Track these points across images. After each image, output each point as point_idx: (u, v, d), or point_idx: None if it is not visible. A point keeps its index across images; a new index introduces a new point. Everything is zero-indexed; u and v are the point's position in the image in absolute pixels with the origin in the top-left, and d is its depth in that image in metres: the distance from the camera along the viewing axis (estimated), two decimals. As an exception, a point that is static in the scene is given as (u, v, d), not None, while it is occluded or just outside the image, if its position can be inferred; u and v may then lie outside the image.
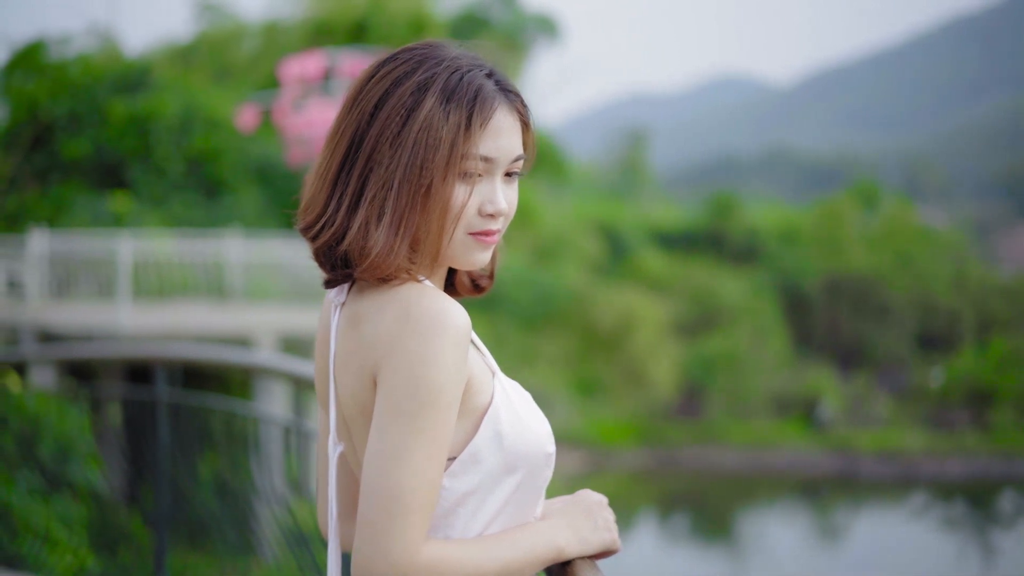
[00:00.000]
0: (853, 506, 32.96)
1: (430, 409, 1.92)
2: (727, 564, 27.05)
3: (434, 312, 1.94)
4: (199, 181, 26.29)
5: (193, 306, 19.72)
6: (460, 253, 2.07)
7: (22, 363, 10.15)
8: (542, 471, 2.08)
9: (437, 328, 1.93)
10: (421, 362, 1.92)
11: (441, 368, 1.92)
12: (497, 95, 2.07)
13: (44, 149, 26.43)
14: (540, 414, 2.11)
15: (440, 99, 2.02)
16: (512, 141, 2.08)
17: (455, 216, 2.03)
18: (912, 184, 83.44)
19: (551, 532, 2.09)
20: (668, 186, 76.63)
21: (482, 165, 2.04)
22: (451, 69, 2.06)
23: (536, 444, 2.06)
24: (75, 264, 20.01)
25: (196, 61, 34.86)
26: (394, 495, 1.90)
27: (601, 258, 40.81)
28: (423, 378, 1.92)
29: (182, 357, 5.99)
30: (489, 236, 2.07)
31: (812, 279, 43.69)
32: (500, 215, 2.07)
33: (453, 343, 1.93)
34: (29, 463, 7.18)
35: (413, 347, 1.93)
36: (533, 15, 45.28)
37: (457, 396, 1.96)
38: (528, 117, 2.15)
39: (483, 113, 2.03)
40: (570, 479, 31.79)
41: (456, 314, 1.95)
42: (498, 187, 2.07)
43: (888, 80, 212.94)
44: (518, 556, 2.02)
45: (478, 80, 2.06)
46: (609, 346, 37.56)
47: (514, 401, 2.07)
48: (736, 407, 37.69)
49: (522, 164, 2.13)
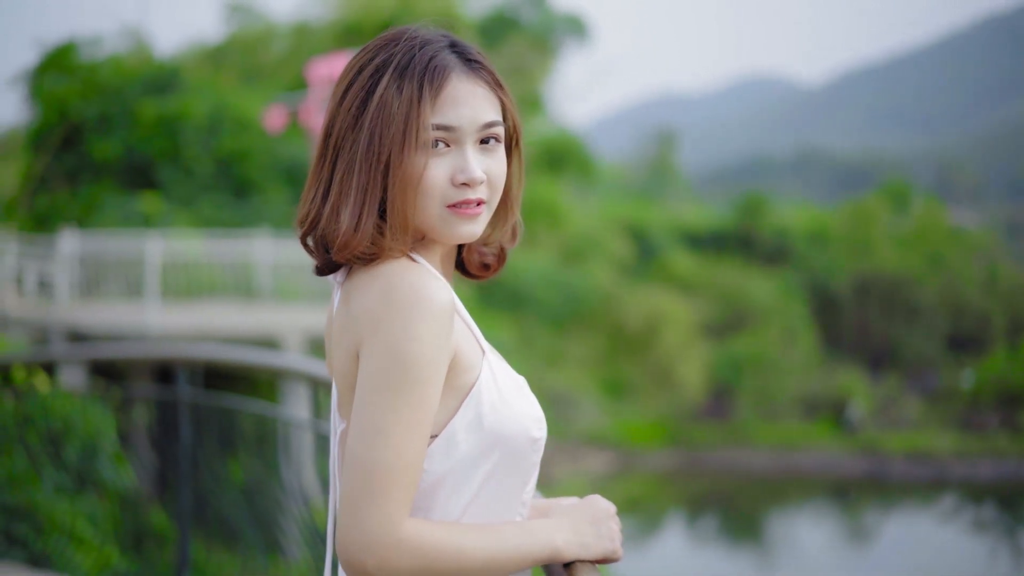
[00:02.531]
0: (883, 508, 32.82)
1: (411, 384, 1.93)
2: (756, 565, 26.96)
3: (412, 288, 1.95)
4: (228, 182, 26.39)
5: (221, 306, 19.77)
6: (442, 227, 2.07)
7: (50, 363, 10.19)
8: (527, 456, 2.07)
9: (415, 303, 1.94)
10: (400, 338, 1.93)
11: (421, 343, 1.94)
12: (453, 64, 2.07)
13: (74, 150, 26.58)
14: (530, 399, 2.10)
15: (394, 77, 2.04)
16: (475, 108, 2.06)
17: (419, 188, 2.03)
18: (943, 184, 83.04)
19: (549, 531, 2.08)
20: (698, 187, 76.44)
21: (443, 134, 2.04)
22: (407, 47, 2.08)
23: (519, 427, 2.04)
24: (104, 264, 20.10)
25: (226, 62, 34.97)
26: (373, 470, 1.92)
27: (629, 259, 40.75)
28: (403, 353, 1.93)
29: (204, 357, 6.02)
30: (468, 206, 2.06)
31: (842, 280, 43.52)
32: (475, 183, 2.05)
33: (432, 318, 1.94)
34: (55, 462, 7.22)
35: (392, 323, 1.94)
36: (562, 15, 45.23)
37: (439, 372, 1.96)
38: (500, 82, 2.12)
39: (433, 83, 2.04)
40: (597, 479, 31.78)
41: (435, 288, 1.97)
42: (469, 155, 2.05)
43: (919, 80, 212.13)
44: (507, 549, 2.01)
45: (431, 52, 2.07)
46: (637, 347, 37.50)
47: (500, 382, 2.06)
48: (765, 408, 37.57)
49: (500, 130, 2.10)
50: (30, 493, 6.84)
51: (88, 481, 7.35)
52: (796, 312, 41.57)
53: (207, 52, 36.75)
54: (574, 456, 32.71)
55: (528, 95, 40.43)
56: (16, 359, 7.73)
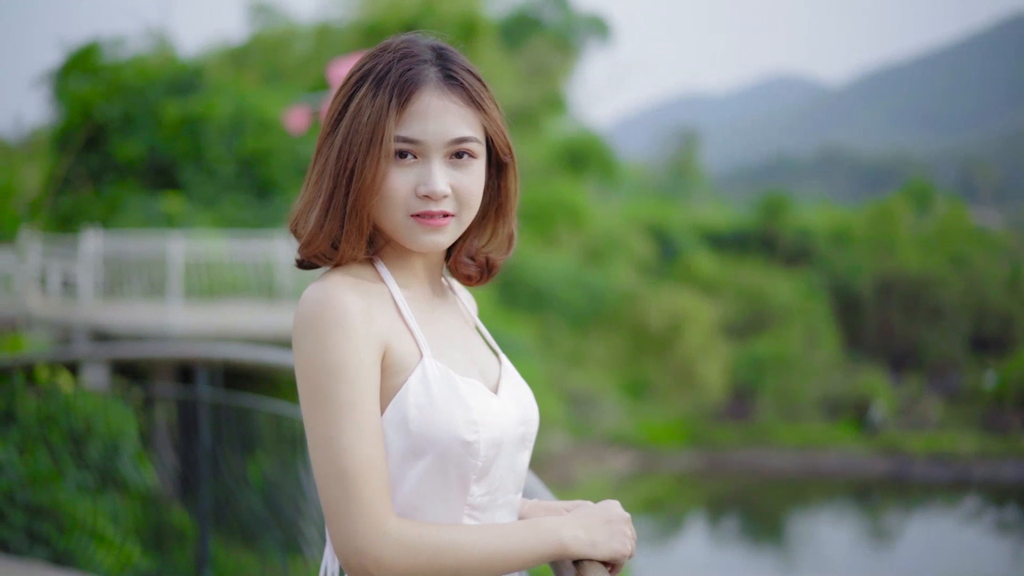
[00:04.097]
0: (905, 509, 32.74)
1: (340, 390, 1.99)
2: (777, 566, 26.93)
3: (317, 303, 2.03)
4: (250, 182, 26.45)
5: (243, 306, 19.81)
6: (407, 236, 2.13)
7: (74, 362, 10.25)
8: (462, 459, 2.07)
9: (320, 316, 2.02)
10: (317, 351, 2.01)
11: (337, 349, 2.00)
12: (428, 78, 2.11)
13: (98, 150, 26.67)
14: (469, 401, 2.09)
15: (371, 86, 2.10)
16: (443, 123, 2.10)
17: (381, 197, 2.10)
18: (966, 185, 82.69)
19: (555, 526, 2.08)
20: (720, 187, 76.29)
21: (408, 146, 2.09)
22: (389, 58, 2.12)
23: (447, 430, 2.05)
24: (127, 264, 20.18)
25: (248, 63, 35.05)
26: (338, 479, 1.97)
27: (651, 259, 40.71)
28: (323, 364, 2.00)
29: (223, 358, 6.05)
30: (432, 218, 2.11)
31: (864, 280, 43.38)
32: (436, 196, 2.09)
33: (339, 324, 2.01)
34: (78, 461, 7.27)
35: (306, 341, 2.03)
36: (584, 16, 45.22)
37: (365, 371, 2.02)
38: (480, 99, 2.15)
39: (402, 95, 2.08)
40: (619, 479, 31.78)
41: (341, 297, 2.04)
42: (434, 169, 2.10)
43: (943, 80, 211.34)
44: (509, 542, 2.03)
45: (408, 64, 2.11)
46: (659, 347, 37.46)
47: (432, 385, 2.08)
48: (786, 409, 37.49)
49: (474, 146, 2.14)
50: (53, 492, 6.89)
51: (110, 480, 7.39)
52: (818, 312, 41.46)
53: (230, 53, 36.83)
54: (596, 456, 32.71)
55: (550, 95, 40.45)
56: (40, 358, 7.78)
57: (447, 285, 2.37)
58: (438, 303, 2.27)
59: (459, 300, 2.39)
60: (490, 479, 2.14)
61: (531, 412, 2.27)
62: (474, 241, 2.30)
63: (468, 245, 2.30)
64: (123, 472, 7.51)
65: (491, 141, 2.20)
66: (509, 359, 2.40)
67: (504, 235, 2.32)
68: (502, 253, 2.33)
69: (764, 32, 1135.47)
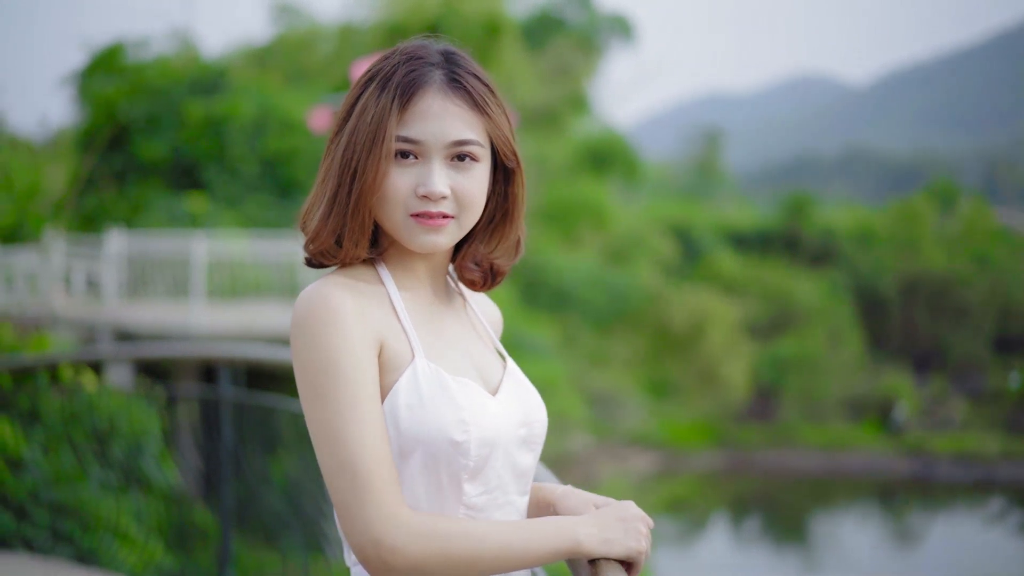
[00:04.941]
0: (929, 510, 32.64)
1: (340, 386, 2.02)
2: (800, 567, 26.88)
3: (310, 304, 2.07)
4: (273, 182, 26.51)
5: (266, 306, 19.85)
6: (406, 235, 2.15)
7: (98, 361, 10.29)
8: (452, 458, 2.09)
9: (313, 317, 2.06)
10: (313, 351, 2.04)
11: (333, 348, 2.03)
12: (431, 80, 2.14)
13: (122, 150, 26.77)
14: (460, 401, 2.11)
15: (377, 87, 2.14)
16: (445, 125, 2.13)
17: (381, 196, 2.13)
18: (991, 184, 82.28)
19: (571, 523, 2.10)
20: (744, 187, 76.08)
21: (409, 147, 2.12)
22: (396, 60, 2.16)
23: (436, 429, 2.07)
24: (151, 264, 20.25)
25: (272, 63, 35.12)
26: (346, 472, 1.99)
27: (674, 259, 40.65)
28: (320, 363, 2.03)
29: (245, 357, 6.07)
30: (431, 219, 2.13)
31: (888, 280, 43.24)
32: (434, 196, 2.12)
33: (333, 323, 2.04)
34: (102, 460, 7.30)
35: (302, 343, 2.06)
36: (608, 15, 45.18)
37: (363, 367, 2.04)
38: (485, 103, 2.17)
39: (404, 96, 2.11)
40: (642, 480, 31.76)
41: (332, 296, 2.07)
42: (434, 170, 2.12)
43: (967, 79, 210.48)
44: (523, 537, 2.04)
45: (414, 66, 2.14)
46: (682, 347, 37.41)
47: (423, 385, 2.10)
48: (810, 409, 37.40)
49: (476, 149, 2.16)
50: (77, 490, 6.92)
51: (133, 479, 7.42)
52: (842, 313, 41.34)
53: (253, 53, 36.92)
54: (618, 456, 32.69)
55: (573, 95, 40.43)
56: (64, 358, 7.81)
57: (455, 289, 2.39)
58: (440, 305, 2.29)
59: (468, 305, 2.40)
60: (485, 479, 2.15)
61: (535, 414, 2.27)
62: (480, 246, 2.31)
63: (473, 250, 2.31)
64: (146, 471, 7.54)
65: (496, 146, 2.21)
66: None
67: (511, 241, 2.33)
68: (509, 259, 2.34)
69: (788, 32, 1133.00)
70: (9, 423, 7.19)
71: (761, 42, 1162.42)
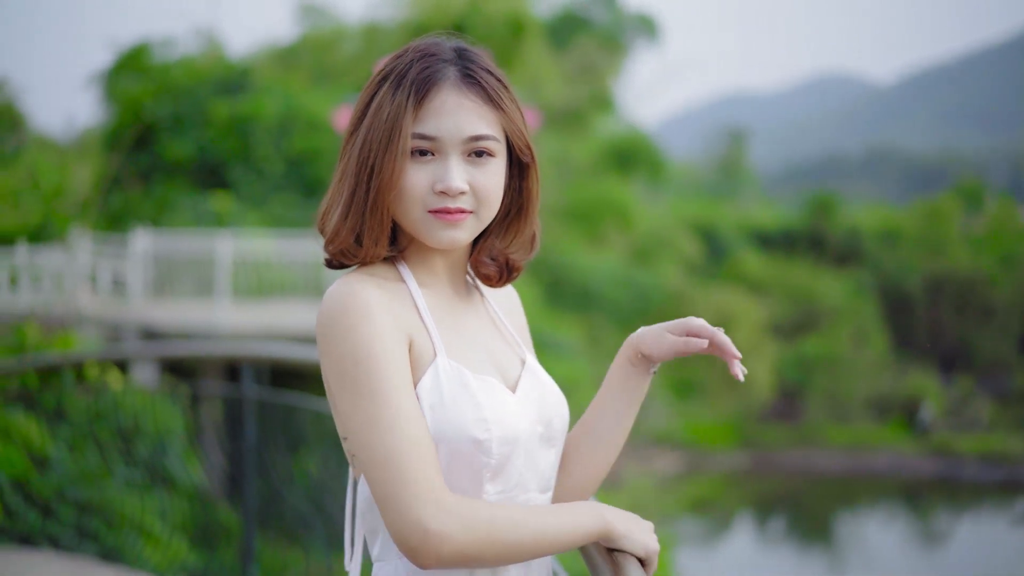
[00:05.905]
0: (954, 510, 32.51)
1: (375, 377, 2.01)
2: (826, 567, 26.82)
3: (338, 299, 2.07)
4: (298, 181, 26.56)
5: (291, 306, 19.89)
6: (425, 232, 2.16)
7: (123, 360, 10.33)
8: (473, 457, 2.09)
9: (342, 311, 2.05)
10: (344, 344, 2.03)
11: (365, 340, 2.03)
12: (446, 76, 2.15)
13: (147, 150, 26.86)
14: (480, 400, 2.11)
15: (391, 86, 2.14)
16: (460, 120, 2.13)
17: (398, 193, 2.13)
18: (1017, 184, 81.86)
19: (599, 507, 2.12)
20: (769, 186, 75.91)
21: (425, 143, 2.12)
22: (409, 58, 2.16)
23: (458, 428, 2.07)
24: (176, 263, 20.31)
25: (297, 63, 35.18)
26: (388, 459, 1.97)
27: (699, 258, 40.57)
28: (353, 356, 2.02)
29: (269, 356, 6.09)
30: (450, 214, 2.14)
31: (914, 280, 43.06)
32: (452, 192, 2.12)
33: (362, 316, 2.04)
34: (126, 458, 7.33)
35: (332, 338, 2.05)
36: (632, 14, 45.14)
37: (396, 358, 2.04)
38: (499, 98, 2.18)
39: (419, 92, 2.12)
40: (665, 480, 31.72)
41: (359, 291, 2.07)
42: (451, 165, 2.12)
43: (993, 78, 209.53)
44: (560, 520, 2.04)
45: (428, 63, 2.15)
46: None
47: (444, 384, 2.09)
48: (835, 409, 37.29)
49: (492, 144, 2.16)
50: (102, 488, 6.96)
51: (158, 477, 7.45)
52: (867, 312, 41.20)
53: (278, 53, 36.99)
54: (643, 456, 32.64)
55: (598, 94, 40.38)
56: (89, 356, 7.86)
57: (473, 285, 2.39)
58: (459, 302, 2.29)
59: (487, 301, 2.40)
60: (506, 478, 2.15)
61: (554, 410, 2.28)
62: (496, 242, 2.32)
63: (489, 245, 2.32)
64: (171, 469, 7.57)
65: (511, 141, 2.22)
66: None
67: (527, 236, 2.34)
68: (524, 254, 2.35)
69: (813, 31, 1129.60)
70: (35, 421, 7.23)
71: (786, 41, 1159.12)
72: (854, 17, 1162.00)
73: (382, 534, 2.15)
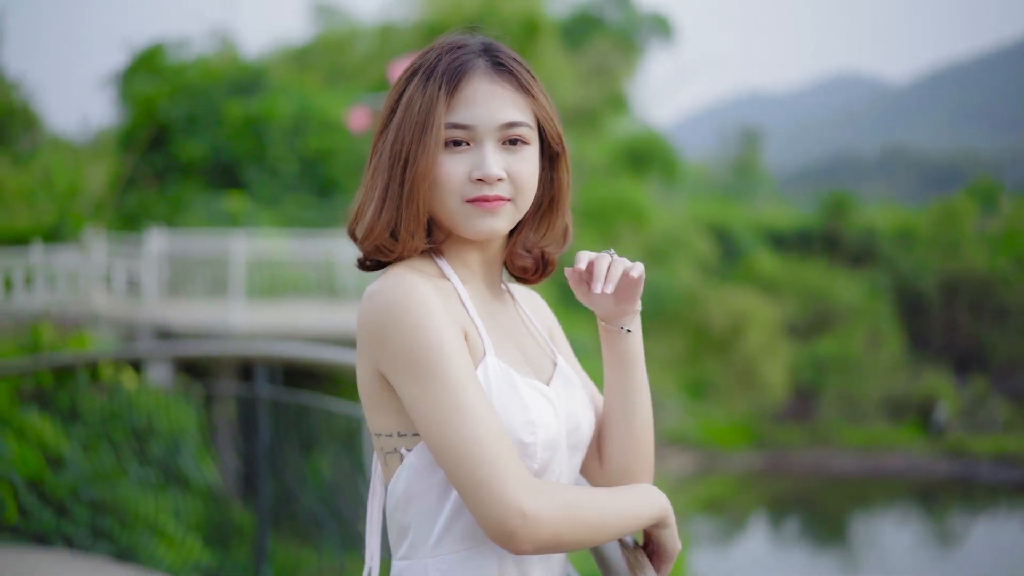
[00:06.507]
0: (969, 512, 32.44)
1: (442, 365, 1.98)
2: (840, 568, 26.77)
3: (393, 289, 2.02)
4: (312, 181, 26.60)
5: (305, 306, 19.90)
6: (463, 221, 2.13)
7: (137, 360, 10.35)
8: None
9: (401, 302, 2.01)
10: (407, 335, 1.99)
11: (427, 329, 1.99)
12: (476, 66, 2.14)
13: (162, 150, 26.92)
14: (528, 402, 2.10)
15: (421, 79, 2.13)
16: (494, 108, 2.12)
17: (434, 184, 2.11)
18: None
19: (657, 491, 2.14)
20: (784, 186, 75.80)
21: (460, 133, 2.11)
22: (437, 52, 2.16)
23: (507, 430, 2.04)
24: (191, 263, 20.33)
25: (311, 63, 35.24)
26: (476, 446, 1.94)
27: (713, 258, 40.54)
28: (418, 346, 1.99)
29: (282, 356, 6.08)
30: (488, 202, 2.11)
31: (929, 280, 42.99)
32: (490, 179, 2.10)
33: (421, 307, 2.00)
34: (141, 457, 7.34)
35: (394, 329, 2.00)
36: (647, 14, 45.11)
37: (459, 346, 2.01)
38: (529, 86, 2.17)
39: (451, 82, 2.11)
40: (680, 480, 31.68)
41: (413, 283, 2.03)
42: (487, 153, 2.11)
43: (1008, 78, 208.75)
44: (632, 502, 2.06)
45: (457, 55, 2.14)
46: (721, 347, 37.31)
47: (494, 385, 2.07)
48: (849, 410, 37.25)
49: (526, 132, 2.15)
50: (116, 488, 6.97)
51: (172, 476, 7.47)
52: (882, 313, 41.15)
53: (293, 53, 37.06)
54: (656, 456, 32.04)
55: (612, 95, 40.36)
56: (104, 356, 7.87)
57: (504, 288, 2.37)
58: (493, 300, 2.27)
59: (517, 304, 2.38)
60: (548, 478, 2.13)
61: (581, 417, 2.26)
62: (529, 234, 2.30)
63: (523, 238, 2.30)
64: (184, 469, 7.59)
65: (543, 130, 2.21)
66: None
67: (559, 228, 2.32)
68: (558, 247, 2.34)
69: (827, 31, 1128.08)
70: (50, 421, 7.25)
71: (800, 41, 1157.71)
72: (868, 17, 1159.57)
73: (412, 533, 2.11)
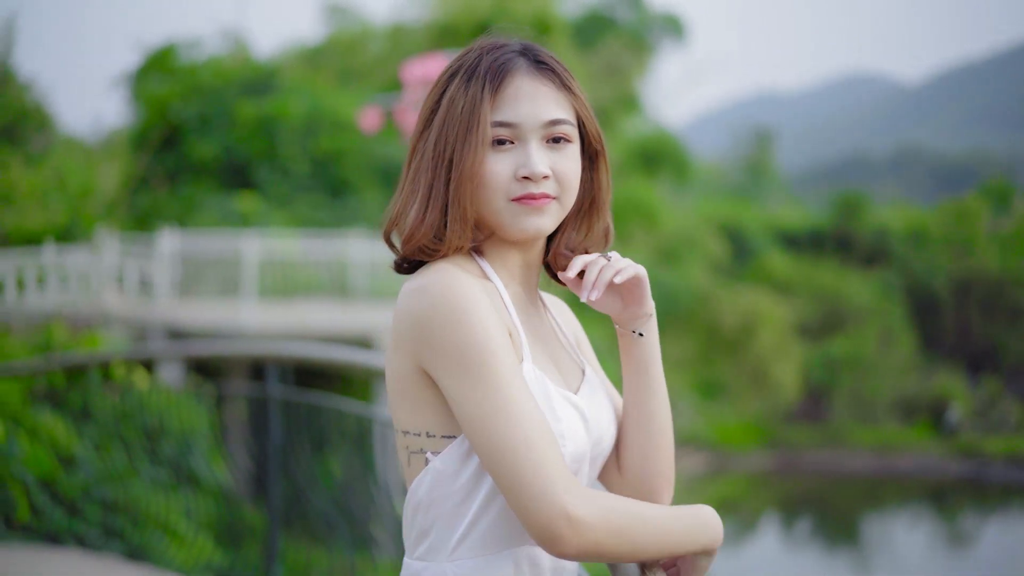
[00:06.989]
0: (982, 512, 32.35)
1: (489, 363, 1.96)
2: (852, 568, 26.71)
3: (440, 285, 2.01)
4: (324, 181, 26.63)
5: (317, 306, 19.93)
6: (509, 220, 2.12)
7: (149, 360, 10.36)
8: None
9: (448, 299, 1.99)
10: (456, 331, 1.98)
11: (476, 326, 1.98)
12: (518, 64, 2.14)
13: (174, 150, 26.97)
14: (559, 414, 2.08)
15: (463, 79, 2.12)
16: (538, 105, 2.12)
17: (480, 183, 2.09)
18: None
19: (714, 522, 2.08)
20: (796, 186, 75.66)
21: (506, 132, 2.10)
22: (477, 52, 2.16)
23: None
24: (203, 263, 20.37)
25: (323, 63, 35.28)
26: (523, 445, 1.92)
27: (725, 258, 40.48)
28: (465, 344, 1.97)
29: (294, 355, 6.08)
30: (534, 200, 2.10)
31: (942, 281, 42.87)
32: (536, 177, 2.09)
33: (470, 303, 1.99)
34: (152, 457, 7.36)
35: (443, 323, 1.99)
36: (659, 14, 45.08)
37: (505, 343, 1.99)
38: (570, 84, 2.17)
39: (494, 81, 2.11)
40: (692, 481, 31.65)
41: (463, 282, 2.01)
42: (532, 151, 2.10)
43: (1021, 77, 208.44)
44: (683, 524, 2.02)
45: (498, 55, 2.14)
46: (732, 347, 37.26)
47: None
48: (861, 410, 37.17)
49: (569, 129, 2.15)
50: (128, 487, 6.98)
51: (183, 476, 7.48)
52: (894, 313, 41.04)
53: (305, 53, 37.10)
54: (668, 457, 32.60)
55: (624, 95, 40.34)
56: (116, 356, 7.88)
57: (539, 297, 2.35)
58: (529, 304, 2.26)
59: (548, 310, 2.37)
60: None
61: (605, 429, 2.24)
62: (572, 235, 2.29)
63: (566, 238, 2.29)
64: (196, 469, 7.60)
65: (583, 128, 2.21)
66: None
67: (601, 229, 2.31)
68: (600, 248, 2.32)
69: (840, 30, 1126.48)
70: (62, 421, 7.27)
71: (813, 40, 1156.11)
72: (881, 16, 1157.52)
73: (432, 536, 2.08)
